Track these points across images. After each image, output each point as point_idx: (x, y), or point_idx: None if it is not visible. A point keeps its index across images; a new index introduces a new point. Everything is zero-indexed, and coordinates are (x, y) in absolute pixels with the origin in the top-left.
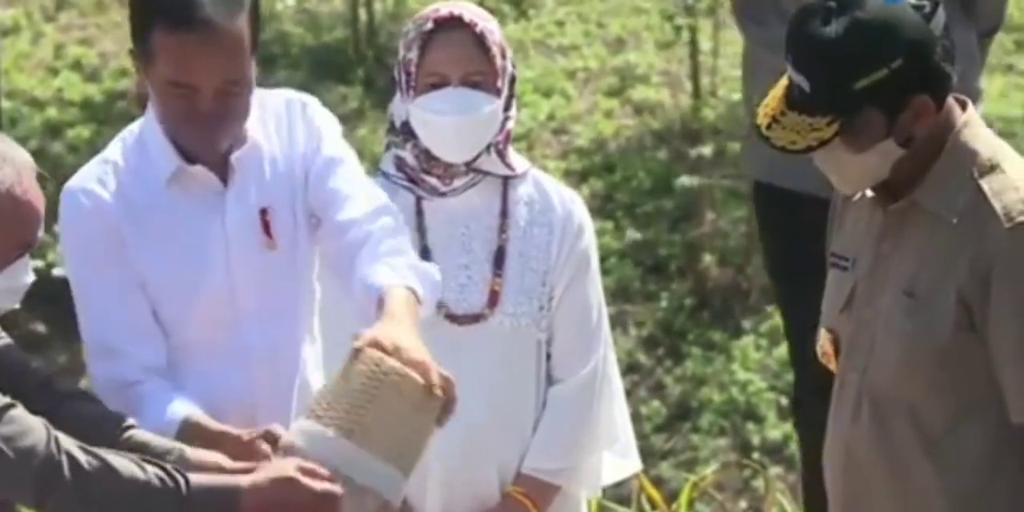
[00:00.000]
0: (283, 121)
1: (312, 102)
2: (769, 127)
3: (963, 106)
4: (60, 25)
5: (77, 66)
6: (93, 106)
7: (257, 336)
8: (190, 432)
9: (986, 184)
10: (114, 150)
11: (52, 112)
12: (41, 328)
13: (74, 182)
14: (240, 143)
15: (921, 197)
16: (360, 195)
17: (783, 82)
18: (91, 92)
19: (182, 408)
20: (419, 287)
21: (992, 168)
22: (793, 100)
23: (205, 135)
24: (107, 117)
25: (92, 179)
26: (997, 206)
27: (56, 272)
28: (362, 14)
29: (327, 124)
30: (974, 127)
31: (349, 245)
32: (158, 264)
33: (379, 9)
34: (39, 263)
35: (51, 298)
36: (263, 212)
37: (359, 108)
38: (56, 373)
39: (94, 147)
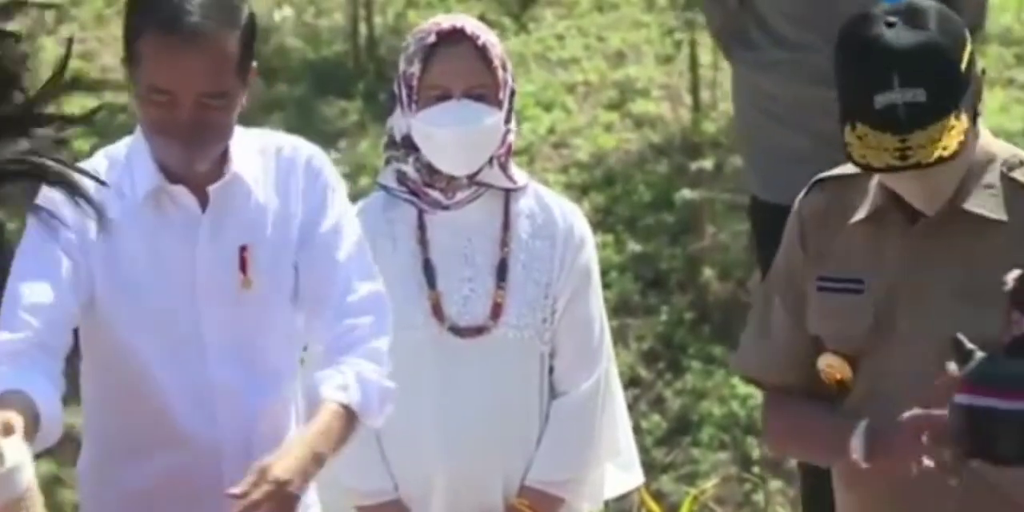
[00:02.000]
0: (283, 167)
1: (319, 156)
2: (905, 158)
3: None
4: (60, 39)
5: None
6: (93, 120)
7: (223, 373)
8: None
9: (1022, 177)
10: (97, 162)
11: None
12: None
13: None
14: (219, 175)
15: (963, 202)
16: (358, 279)
17: (869, 135)
18: (91, 106)
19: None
20: (357, 402)
21: (1021, 163)
22: (909, 122)
23: (181, 148)
24: (107, 131)
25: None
26: None
27: None
28: (362, 28)
29: (335, 183)
30: (983, 131)
31: (336, 338)
32: (119, 280)
33: (379, 23)
34: None
35: None
36: (242, 249)
37: (360, 122)
38: None
39: None
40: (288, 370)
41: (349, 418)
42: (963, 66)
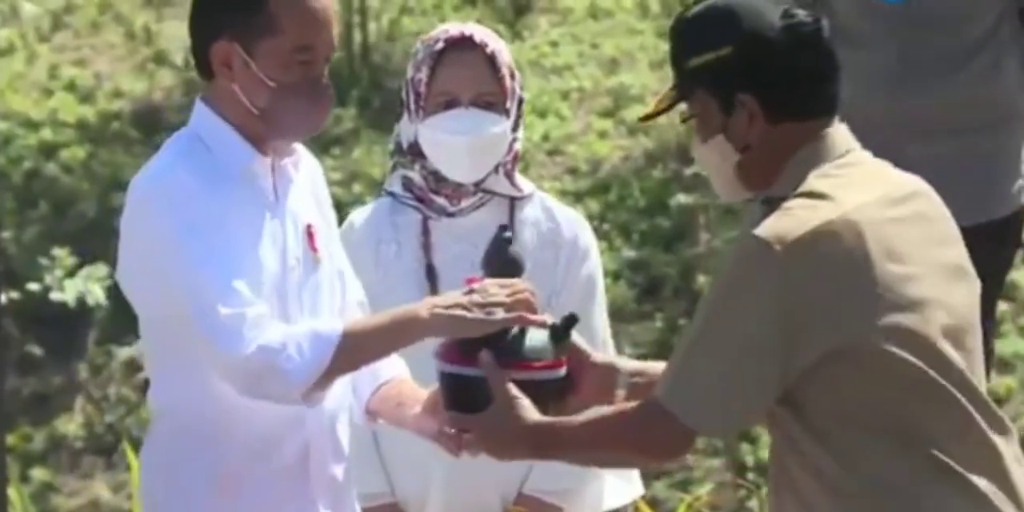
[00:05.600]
0: (313, 162)
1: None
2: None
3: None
4: (55, 46)
5: (72, 87)
6: (87, 127)
7: None
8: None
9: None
10: (176, 148)
11: (47, 133)
12: (36, 350)
13: (162, 168)
14: (290, 152)
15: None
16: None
17: None
18: (85, 113)
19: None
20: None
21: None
22: None
23: (316, 105)
24: (101, 138)
25: (180, 165)
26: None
27: (54, 296)
28: (357, 35)
29: None
30: (820, 152)
31: None
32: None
33: (374, 29)
34: (35, 286)
35: (46, 320)
36: (308, 226)
37: (354, 129)
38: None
39: (88, 168)
40: None
41: None
42: (692, 63)
